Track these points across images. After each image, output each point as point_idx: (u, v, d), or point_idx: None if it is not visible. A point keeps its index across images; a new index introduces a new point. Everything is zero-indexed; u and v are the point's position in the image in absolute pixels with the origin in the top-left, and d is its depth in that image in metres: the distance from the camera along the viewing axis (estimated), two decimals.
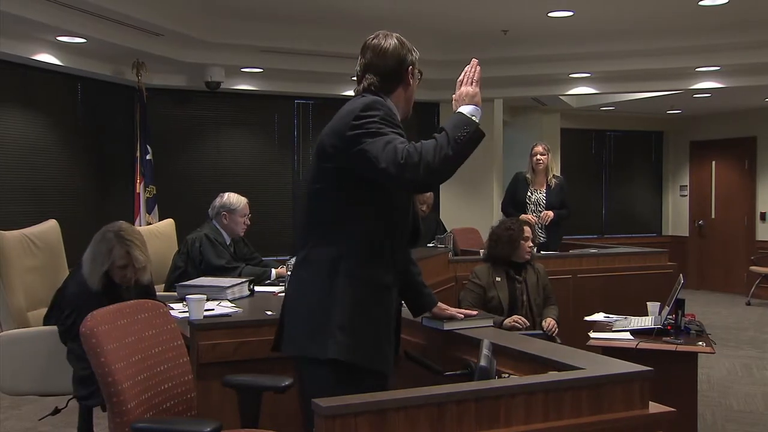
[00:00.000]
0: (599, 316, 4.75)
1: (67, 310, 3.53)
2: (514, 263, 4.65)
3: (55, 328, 3.60)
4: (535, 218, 6.29)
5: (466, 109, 2.36)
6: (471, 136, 2.29)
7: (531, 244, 4.68)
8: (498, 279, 4.59)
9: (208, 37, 6.90)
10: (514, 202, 6.51)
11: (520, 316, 4.44)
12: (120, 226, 3.64)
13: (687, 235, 12.30)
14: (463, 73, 2.46)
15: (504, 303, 4.53)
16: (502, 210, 6.75)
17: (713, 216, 11.96)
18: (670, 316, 4.23)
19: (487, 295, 4.55)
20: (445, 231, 7.11)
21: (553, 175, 6.50)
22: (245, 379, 2.82)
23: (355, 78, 2.59)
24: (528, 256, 4.68)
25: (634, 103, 10.33)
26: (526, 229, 4.68)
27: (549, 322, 4.53)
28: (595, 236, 11.68)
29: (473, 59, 2.48)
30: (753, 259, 10.67)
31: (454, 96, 2.43)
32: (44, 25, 5.57)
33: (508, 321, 4.37)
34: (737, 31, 7.03)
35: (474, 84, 2.42)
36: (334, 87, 8.33)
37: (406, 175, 2.22)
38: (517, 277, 4.64)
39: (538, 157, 6.44)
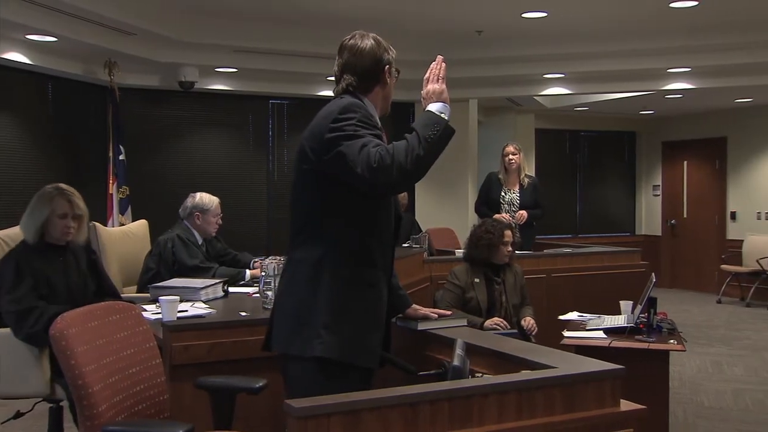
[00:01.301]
0: (573, 315, 4.80)
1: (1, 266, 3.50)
2: (492, 264, 4.64)
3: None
4: (509, 218, 6.33)
5: (434, 107, 2.39)
6: (441, 134, 2.31)
7: (510, 249, 4.67)
8: (477, 280, 4.58)
9: (182, 37, 6.85)
10: (488, 202, 6.54)
11: (500, 318, 4.45)
12: (58, 184, 3.69)
13: (660, 234, 12.44)
14: (429, 71, 2.48)
15: (482, 304, 4.52)
16: (475, 210, 6.78)
17: (685, 215, 12.11)
18: (643, 315, 4.28)
19: (465, 295, 4.54)
20: (420, 231, 7.13)
21: (526, 174, 6.54)
22: (218, 381, 2.80)
23: (330, 78, 2.61)
24: (507, 260, 4.68)
25: (608, 104, 10.43)
26: (507, 233, 4.65)
27: (528, 321, 4.53)
28: (570, 236, 11.78)
29: (438, 56, 2.50)
30: (723, 257, 10.80)
31: (422, 94, 2.44)
32: (14, 23, 5.49)
33: (488, 323, 4.38)
34: (707, 33, 7.13)
35: (440, 81, 2.44)
36: (309, 87, 8.32)
37: (381, 178, 2.24)
38: (496, 278, 4.63)
39: (510, 157, 6.48)
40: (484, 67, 8.08)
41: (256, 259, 4.86)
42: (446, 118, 2.36)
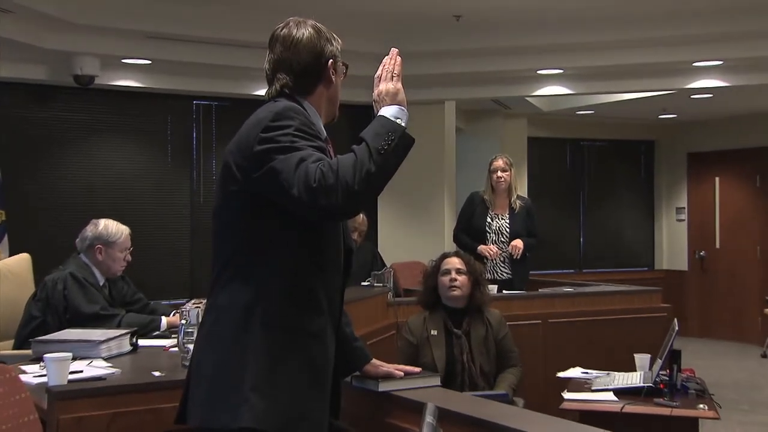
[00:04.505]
0: (575, 372, 4.83)
1: None
2: (452, 310, 4.56)
3: None
4: (497, 251, 6.34)
5: (388, 111, 2.42)
6: (397, 145, 2.34)
7: (456, 277, 4.51)
8: (434, 332, 4.49)
9: (77, 18, 6.80)
10: (470, 229, 6.57)
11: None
12: None
13: (686, 269, 12.61)
14: (381, 67, 2.53)
15: (439, 363, 4.38)
16: (454, 239, 6.81)
17: (718, 245, 12.28)
18: (663, 372, 4.32)
19: (419, 353, 4.45)
20: (384, 266, 7.15)
21: (517, 195, 6.59)
22: None
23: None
24: (459, 303, 4.53)
25: (618, 106, 10.59)
26: (451, 260, 4.60)
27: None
28: (572, 271, 11.90)
29: (393, 49, 2.55)
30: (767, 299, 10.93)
31: (373, 95, 2.48)
32: None
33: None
34: (743, 17, 7.23)
35: (395, 79, 2.48)
36: (243, 85, 8.33)
37: (321, 201, 2.25)
38: (456, 330, 4.51)
39: (499, 174, 6.52)
40: (464, 61, 8.16)
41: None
42: (403, 124, 2.39)
